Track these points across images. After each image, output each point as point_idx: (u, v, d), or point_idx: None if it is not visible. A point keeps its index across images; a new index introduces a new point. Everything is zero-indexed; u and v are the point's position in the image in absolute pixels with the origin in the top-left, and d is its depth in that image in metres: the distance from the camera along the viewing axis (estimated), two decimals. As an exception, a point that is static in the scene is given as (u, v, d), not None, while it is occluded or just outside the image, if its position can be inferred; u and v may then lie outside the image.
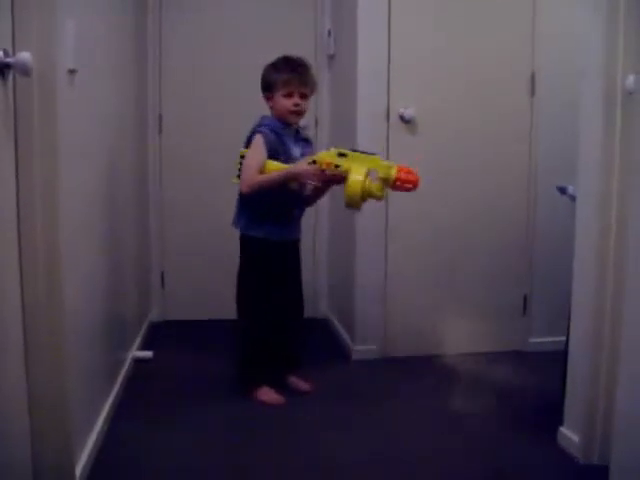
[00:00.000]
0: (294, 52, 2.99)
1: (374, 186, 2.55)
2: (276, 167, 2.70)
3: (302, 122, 2.95)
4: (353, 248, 3.46)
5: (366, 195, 2.56)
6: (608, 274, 2.27)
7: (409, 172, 2.54)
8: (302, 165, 2.69)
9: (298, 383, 3.00)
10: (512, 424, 2.69)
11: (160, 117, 4.04)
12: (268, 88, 2.81)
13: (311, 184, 2.69)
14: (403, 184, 2.53)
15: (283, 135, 2.79)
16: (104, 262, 2.67)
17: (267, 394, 2.91)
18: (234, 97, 4.00)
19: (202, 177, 4.05)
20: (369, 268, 3.44)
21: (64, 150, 1.91)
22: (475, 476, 2.29)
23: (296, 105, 2.75)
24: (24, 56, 1.67)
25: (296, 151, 2.83)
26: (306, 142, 2.89)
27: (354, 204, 2.59)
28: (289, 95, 2.76)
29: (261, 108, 2.95)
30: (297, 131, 2.88)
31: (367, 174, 2.55)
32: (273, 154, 2.74)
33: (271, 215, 2.84)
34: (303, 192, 2.81)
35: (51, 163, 1.81)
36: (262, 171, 2.72)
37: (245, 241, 2.92)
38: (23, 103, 1.73)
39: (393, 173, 2.52)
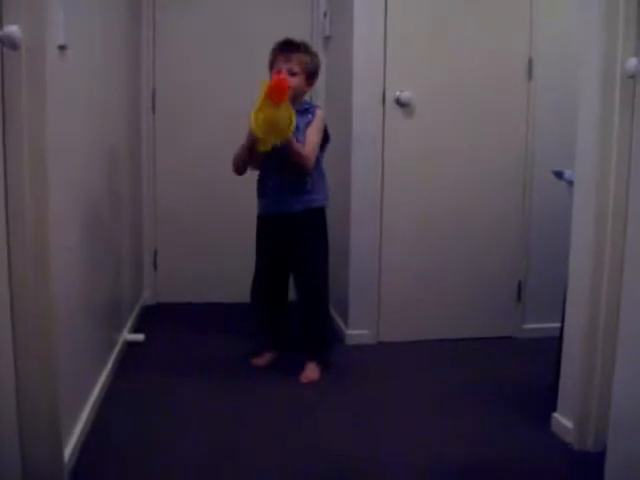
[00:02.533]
0: (290, 33, 2.96)
1: (260, 114, 2.57)
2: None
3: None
4: (347, 233, 3.43)
5: (260, 125, 2.58)
6: (604, 260, 2.25)
7: (277, 84, 2.56)
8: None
9: (304, 371, 2.98)
10: (505, 410, 2.68)
11: (154, 94, 3.99)
12: (269, 68, 2.90)
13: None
14: (270, 94, 2.54)
15: None
16: (95, 242, 2.64)
17: (257, 360, 3.12)
18: (229, 75, 3.97)
19: (196, 155, 4.02)
20: (362, 253, 3.42)
21: (54, 127, 1.88)
22: (468, 463, 2.27)
23: None
24: (12, 30, 1.65)
25: None
26: (303, 113, 2.85)
27: (262, 138, 2.62)
28: (278, 72, 2.81)
29: (256, 87, 2.91)
30: (299, 105, 2.86)
31: (259, 106, 2.57)
32: None
33: (258, 189, 2.97)
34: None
35: (39, 140, 1.78)
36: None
37: None
38: (11, 77, 1.71)
39: (262, 90, 2.55)
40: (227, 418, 2.57)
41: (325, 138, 2.93)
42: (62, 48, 2.03)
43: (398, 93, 3.31)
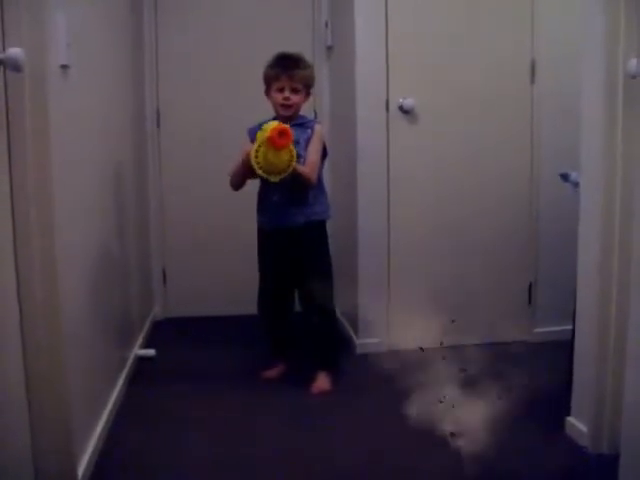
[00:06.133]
0: (291, 44, 2.98)
1: (260, 153, 2.60)
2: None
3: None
4: (355, 241, 3.43)
5: (261, 165, 2.61)
6: (613, 260, 2.23)
7: (281, 132, 2.55)
8: (246, 146, 2.78)
9: (315, 381, 2.98)
10: (518, 415, 2.66)
11: (158, 109, 4.01)
12: (266, 85, 2.91)
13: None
14: (274, 143, 2.55)
15: None
16: (104, 259, 2.64)
17: (268, 372, 3.10)
18: (232, 90, 3.98)
19: (202, 170, 4.03)
20: (371, 260, 3.41)
21: (59, 145, 1.89)
22: (483, 468, 2.26)
23: (285, 99, 2.85)
24: (15, 52, 1.65)
25: None
26: (302, 127, 2.88)
27: (261, 174, 2.66)
28: (280, 90, 2.85)
29: (258, 100, 2.93)
30: (297, 119, 2.91)
31: (259, 145, 2.59)
32: None
33: (259, 203, 2.98)
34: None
35: (44, 159, 1.79)
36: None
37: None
38: (15, 99, 1.72)
39: (265, 136, 2.56)
40: (240, 431, 2.57)
41: (323, 152, 2.94)
42: (65, 67, 2.05)
43: (401, 100, 3.32)
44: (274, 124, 2.58)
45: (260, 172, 2.64)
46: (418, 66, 3.34)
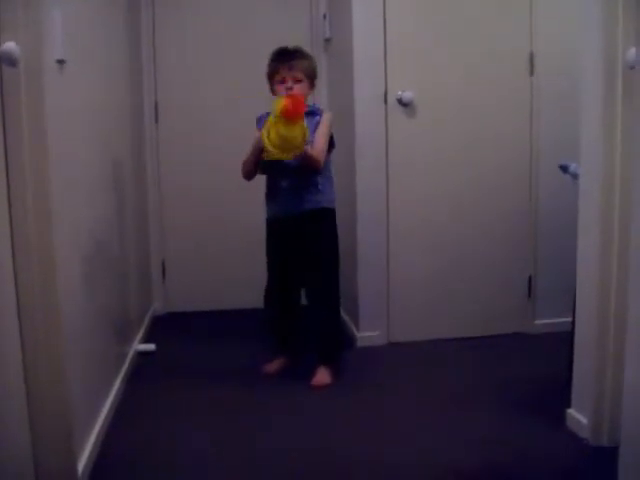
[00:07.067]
0: (290, 36, 2.99)
1: (272, 131, 2.60)
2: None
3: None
4: (354, 234, 3.43)
5: (274, 142, 2.60)
6: (612, 252, 2.23)
7: (293, 102, 2.57)
8: (257, 132, 2.80)
9: (315, 375, 2.97)
10: (520, 407, 2.67)
11: (156, 105, 4.00)
12: (269, 82, 2.93)
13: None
14: (287, 114, 2.55)
15: None
16: (103, 254, 2.64)
17: (269, 367, 3.09)
18: (230, 84, 3.97)
19: (200, 165, 4.03)
20: (370, 253, 3.42)
21: (56, 139, 1.89)
22: (483, 461, 2.26)
23: (288, 89, 2.84)
24: (10, 46, 1.65)
25: None
26: (310, 115, 2.88)
27: (274, 152, 2.64)
28: (282, 82, 2.86)
29: (257, 93, 2.93)
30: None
31: (271, 121, 2.60)
32: None
33: (268, 192, 2.98)
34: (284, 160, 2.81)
35: (41, 153, 1.78)
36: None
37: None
38: (10, 94, 1.71)
39: (278, 108, 2.56)
40: (239, 426, 2.56)
41: (330, 144, 2.95)
42: (61, 62, 2.04)
43: (400, 93, 3.30)
44: (285, 97, 2.60)
45: (273, 150, 2.61)
46: (417, 59, 3.33)
